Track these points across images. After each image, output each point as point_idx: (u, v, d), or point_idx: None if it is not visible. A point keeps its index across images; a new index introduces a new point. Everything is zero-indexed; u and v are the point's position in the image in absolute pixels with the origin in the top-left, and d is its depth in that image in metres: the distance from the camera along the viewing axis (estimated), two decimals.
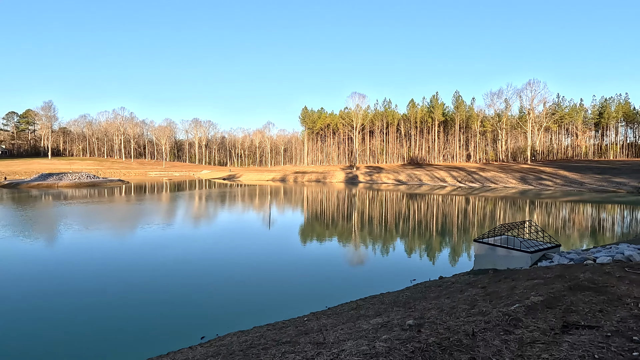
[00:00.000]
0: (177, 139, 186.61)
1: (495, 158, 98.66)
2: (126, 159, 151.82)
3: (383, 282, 11.94)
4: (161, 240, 18.99)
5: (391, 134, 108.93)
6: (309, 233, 22.45)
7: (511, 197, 47.95)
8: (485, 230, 20.45)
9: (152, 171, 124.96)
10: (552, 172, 70.30)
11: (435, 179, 74.86)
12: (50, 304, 10.27)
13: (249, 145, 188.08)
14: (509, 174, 71.84)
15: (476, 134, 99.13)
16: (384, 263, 15.41)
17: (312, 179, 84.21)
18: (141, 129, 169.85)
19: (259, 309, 9.78)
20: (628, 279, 6.09)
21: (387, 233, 22.12)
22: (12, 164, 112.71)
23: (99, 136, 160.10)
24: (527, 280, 6.91)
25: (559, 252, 10.50)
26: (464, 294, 7.05)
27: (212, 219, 28.21)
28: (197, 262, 14.86)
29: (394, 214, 31.40)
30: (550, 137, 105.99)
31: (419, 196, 50.15)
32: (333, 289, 11.56)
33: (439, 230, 23.52)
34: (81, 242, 18.40)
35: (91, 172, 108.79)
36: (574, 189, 57.82)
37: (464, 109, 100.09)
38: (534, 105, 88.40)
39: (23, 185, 51.00)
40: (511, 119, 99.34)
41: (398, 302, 7.85)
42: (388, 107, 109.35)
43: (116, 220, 26.01)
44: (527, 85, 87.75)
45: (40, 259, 15.29)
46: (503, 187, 64.54)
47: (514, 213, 32.04)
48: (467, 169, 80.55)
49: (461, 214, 31.54)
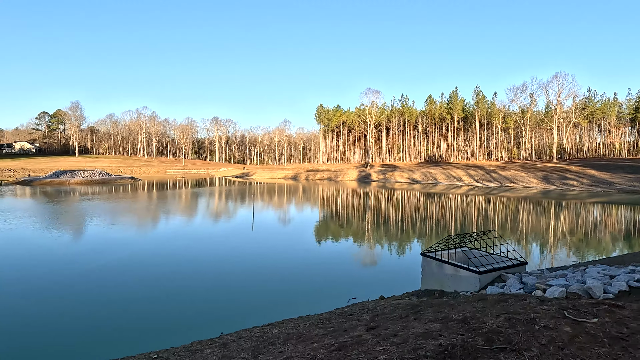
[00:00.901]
0: (199, 138, 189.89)
1: (518, 156, 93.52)
2: (148, 157, 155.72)
3: (318, 299, 10.38)
4: (109, 240, 18.16)
5: (408, 131, 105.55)
6: (292, 235, 21.04)
7: (529, 198, 44.66)
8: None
9: (172, 169, 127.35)
10: (579, 171, 65.53)
11: (451, 178, 71.59)
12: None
13: (268, 143, 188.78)
14: (530, 173, 67.60)
15: (498, 131, 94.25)
16: (331, 277, 13.76)
17: (323, 177, 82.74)
18: (164, 127, 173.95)
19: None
20: (550, 335, 4.29)
21: (359, 239, 20.37)
22: (41, 162, 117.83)
23: (124, 135, 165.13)
24: (429, 322, 5.22)
25: (521, 273, 8.58)
26: (348, 335, 5.44)
27: (189, 218, 27.32)
28: (160, 262, 13.81)
29: (388, 216, 29.46)
30: (580, 134, 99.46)
31: (430, 196, 47.64)
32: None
33: (404, 235, 21.52)
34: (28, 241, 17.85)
35: (112, 170, 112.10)
36: (600, 189, 53.42)
37: (485, 104, 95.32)
38: (561, 99, 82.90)
39: (36, 182, 52.52)
40: (536, 114, 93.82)
41: (278, 337, 6.30)
42: (405, 103, 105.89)
43: (85, 218, 25.57)
44: (553, 79, 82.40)
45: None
46: (523, 187, 60.71)
47: (523, 214, 29.34)
48: (486, 168, 76.63)
49: (460, 215, 29.18)
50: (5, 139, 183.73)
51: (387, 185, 66.16)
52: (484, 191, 54.12)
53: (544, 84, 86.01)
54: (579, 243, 19.36)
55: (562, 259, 15.62)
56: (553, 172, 66.11)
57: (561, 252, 17.06)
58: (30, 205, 33.74)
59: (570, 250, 17.57)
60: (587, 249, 17.92)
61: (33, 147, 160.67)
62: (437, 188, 59.49)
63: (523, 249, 17.44)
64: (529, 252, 16.88)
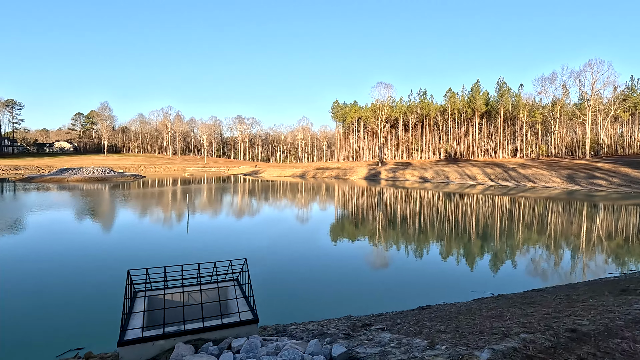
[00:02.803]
0: (224, 136, 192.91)
1: (546, 153, 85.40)
2: (173, 155, 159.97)
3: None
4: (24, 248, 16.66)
5: (427, 127, 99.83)
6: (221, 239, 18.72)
7: (541, 199, 39.49)
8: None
9: (191, 167, 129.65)
10: (611, 169, 58.15)
11: (464, 177, 66.28)
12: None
13: (291, 141, 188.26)
14: (554, 171, 60.94)
15: (523, 126, 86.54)
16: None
17: (331, 176, 79.95)
18: (190, 126, 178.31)
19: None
20: None
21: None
22: (72, 160, 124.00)
23: (152, 134, 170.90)
24: None
25: (245, 337, 5.32)
26: None
27: (136, 219, 25.68)
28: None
29: (367, 219, 26.34)
30: (621, 129, 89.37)
31: (433, 197, 43.58)
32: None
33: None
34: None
35: (133, 168, 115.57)
36: (632, 190, 46.65)
37: (509, 97, 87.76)
38: (595, 89, 74.38)
39: (36, 179, 54.08)
40: (568, 107, 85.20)
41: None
42: (424, 97, 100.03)
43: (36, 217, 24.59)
44: (586, 67, 73.91)
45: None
46: (542, 186, 54.66)
47: (505, 222, 25.14)
48: (505, 166, 70.35)
49: (442, 223, 25.46)
50: (50, 138, 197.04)
51: (396, 184, 62.38)
52: (497, 191, 49.06)
53: (576, 72, 77.63)
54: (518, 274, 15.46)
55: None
56: (580, 171, 59.13)
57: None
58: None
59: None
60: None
61: (71, 146, 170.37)
62: (448, 188, 54.83)
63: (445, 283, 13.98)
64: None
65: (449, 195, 44.87)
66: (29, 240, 17.36)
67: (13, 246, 16.17)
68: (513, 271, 13.35)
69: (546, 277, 12.64)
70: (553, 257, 15.51)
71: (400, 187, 55.96)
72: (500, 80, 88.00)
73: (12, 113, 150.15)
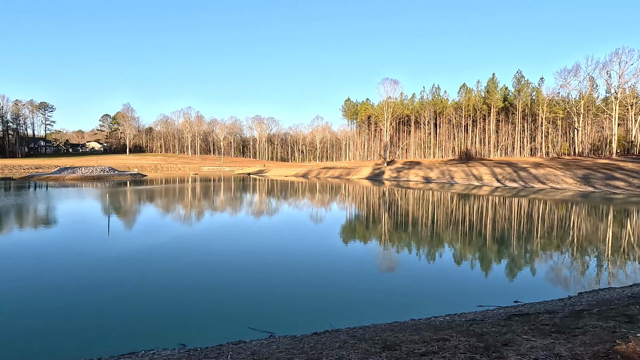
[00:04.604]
0: (243, 136, 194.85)
1: (569, 151, 78.48)
2: (192, 155, 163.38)
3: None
4: None
5: (441, 125, 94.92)
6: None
7: (542, 202, 35.51)
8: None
9: (207, 166, 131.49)
10: (635, 169, 52.12)
11: (470, 178, 61.96)
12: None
13: (310, 140, 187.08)
14: (569, 171, 55.51)
15: (543, 123, 79.97)
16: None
17: (334, 175, 77.77)
18: (211, 126, 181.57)
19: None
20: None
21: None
22: (96, 159, 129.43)
23: (173, 133, 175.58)
24: None
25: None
26: None
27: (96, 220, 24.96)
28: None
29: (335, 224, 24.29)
30: None
31: (427, 199, 40.57)
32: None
33: None
34: None
35: (150, 167, 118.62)
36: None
37: (529, 92, 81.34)
38: (623, 82, 67.29)
39: (35, 177, 55.96)
40: (596, 101, 77.85)
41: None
42: (437, 94, 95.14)
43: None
44: (613, 56, 67.00)
45: None
46: (551, 187, 49.82)
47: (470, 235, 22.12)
48: (517, 165, 65.17)
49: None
50: (84, 139, 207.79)
51: (399, 184, 59.56)
52: (499, 193, 45.09)
53: (602, 63, 70.63)
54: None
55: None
56: (599, 171, 53.42)
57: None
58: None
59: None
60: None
61: (101, 146, 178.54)
62: (451, 189, 51.12)
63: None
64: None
65: (450, 196, 41.55)
66: None
67: None
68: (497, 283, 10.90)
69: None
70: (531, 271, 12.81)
71: (400, 188, 53.16)
72: (519, 74, 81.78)
73: (45, 115, 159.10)
